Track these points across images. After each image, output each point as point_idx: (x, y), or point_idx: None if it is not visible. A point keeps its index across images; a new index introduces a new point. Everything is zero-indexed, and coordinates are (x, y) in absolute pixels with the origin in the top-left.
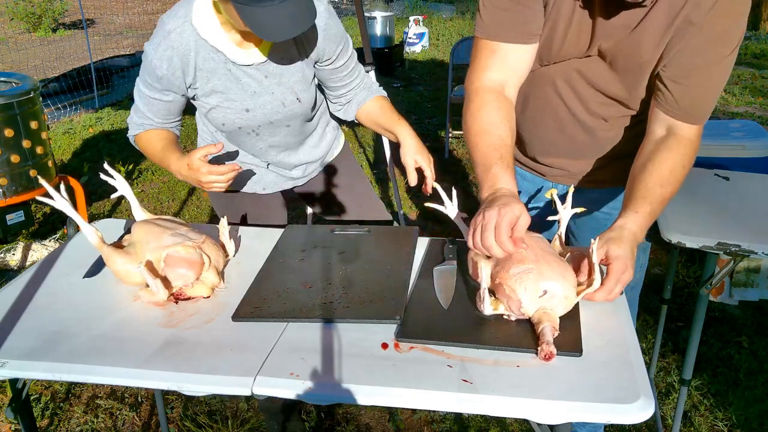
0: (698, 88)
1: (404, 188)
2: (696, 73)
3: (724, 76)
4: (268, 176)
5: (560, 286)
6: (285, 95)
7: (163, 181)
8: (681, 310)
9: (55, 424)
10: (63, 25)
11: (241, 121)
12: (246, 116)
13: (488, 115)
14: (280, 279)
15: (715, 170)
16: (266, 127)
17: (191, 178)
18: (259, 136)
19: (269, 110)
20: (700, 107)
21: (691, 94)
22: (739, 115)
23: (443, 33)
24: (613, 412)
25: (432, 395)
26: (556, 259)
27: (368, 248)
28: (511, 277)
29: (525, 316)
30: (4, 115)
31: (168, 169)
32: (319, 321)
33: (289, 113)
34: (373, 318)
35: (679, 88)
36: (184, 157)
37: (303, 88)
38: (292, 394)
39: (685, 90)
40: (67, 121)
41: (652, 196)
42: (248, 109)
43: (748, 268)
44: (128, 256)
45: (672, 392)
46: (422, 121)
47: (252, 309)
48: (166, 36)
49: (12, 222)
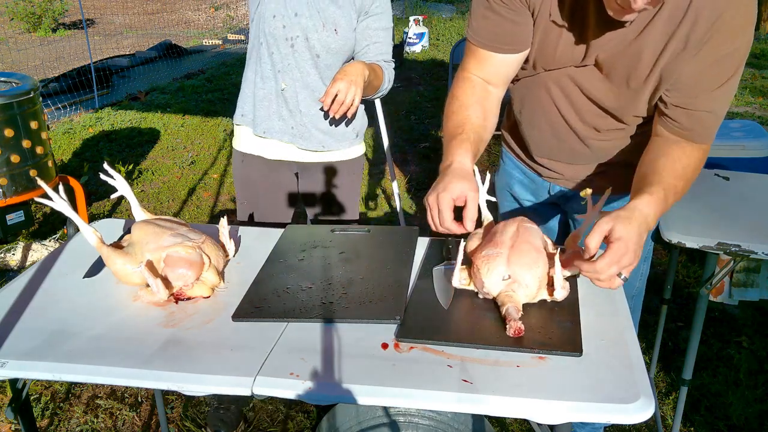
0: (703, 112)
1: (404, 187)
2: (701, 98)
3: (728, 97)
4: (273, 120)
5: (523, 274)
6: (327, 19)
7: (163, 181)
8: (681, 310)
9: (55, 424)
10: (63, 25)
11: (287, 20)
12: (293, 20)
13: (464, 97)
14: (280, 279)
15: (715, 170)
16: (302, 43)
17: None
18: (293, 49)
19: (311, 25)
20: (707, 129)
21: (697, 117)
22: (739, 115)
23: (443, 33)
24: (613, 412)
25: (432, 395)
26: (532, 249)
27: (368, 248)
28: (480, 258)
29: (489, 296)
30: (4, 115)
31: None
32: (319, 321)
33: (324, 39)
34: (372, 318)
35: (684, 113)
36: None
37: (344, 24)
38: (292, 394)
39: (691, 114)
40: (67, 121)
41: (666, 184)
42: (297, 14)
43: (748, 268)
44: (128, 256)
45: (672, 392)
46: (422, 121)
47: (252, 309)
48: None
49: (12, 222)
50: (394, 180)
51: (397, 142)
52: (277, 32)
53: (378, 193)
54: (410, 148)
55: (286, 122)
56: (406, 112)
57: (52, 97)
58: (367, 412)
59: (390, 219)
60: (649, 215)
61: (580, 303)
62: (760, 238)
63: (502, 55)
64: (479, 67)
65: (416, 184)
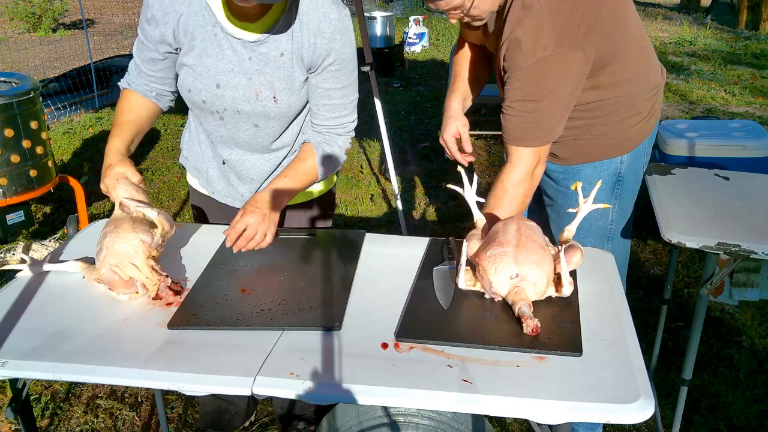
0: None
1: (404, 187)
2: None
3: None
4: (219, 184)
5: (531, 273)
6: (261, 87)
7: (163, 181)
8: (681, 310)
9: (55, 424)
10: (63, 25)
11: (207, 94)
12: (214, 92)
13: (463, 56)
14: (220, 285)
15: (715, 170)
16: (232, 115)
17: (105, 182)
18: (223, 122)
19: (239, 96)
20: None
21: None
22: (739, 115)
23: (443, 33)
24: (613, 412)
25: (432, 395)
26: (537, 247)
27: (312, 253)
28: (485, 259)
29: (497, 297)
30: (4, 115)
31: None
32: (256, 329)
33: (260, 109)
34: (311, 325)
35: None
36: (118, 164)
37: (285, 88)
38: (292, 394)
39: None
40: (67, 121)
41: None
42: (219, 85)
43: (748, 268)
44: (105, 279)
45: (672, 392)
46: (422, 121)
47: (188, 317)
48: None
49: (12, 222)
50: (394, 180)
51: (397, 142)
52: (200, 105)
53: (378, 193)
54: (410, 148)
55: (235, 188)
56: (406, 112)
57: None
58: (367, 412)
59: (390, 219)
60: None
61: (580, 303)
62: (760, 238)
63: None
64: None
65: (416, 184)
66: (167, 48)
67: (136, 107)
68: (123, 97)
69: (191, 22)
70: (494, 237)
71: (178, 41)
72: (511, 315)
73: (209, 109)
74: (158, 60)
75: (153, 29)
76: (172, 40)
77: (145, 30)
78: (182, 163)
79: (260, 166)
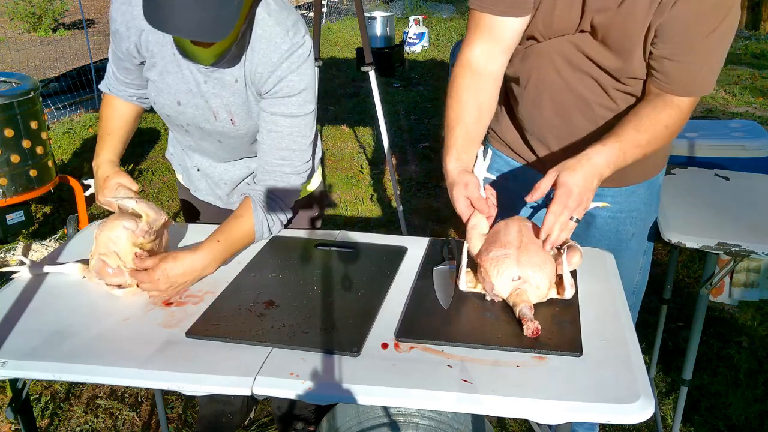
0: (692, 64)
1: (404, 187)
2: (696, 46)
3: (722, 45)
4: (200, 183)
5: (534, 275)
6: (218, 109)
7: (163, 181)
8: (681, 310)
9: (55, 424)
10: (63, 25)
11: (170, 110)
12: (176, 108)
13: (461, 90)
14: (246, 295)
15: (715, 170)
16: (196, 130)
17: (104, 193)
18: (189, 134)
19: (199, 115)
20: (696, 82)
21: (686, 69)
22: (739, 115)
23: (443, 33)
24: (613, 412)
25: (432, 395)
26: (539, 249)
27: (347, 267)
28: (487, 260)
29: (499, 298)
30: (4, 115)
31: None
32: (272, 346)
33: (220, 129)
34: (328, 348)
35: (672, 65)
36: (114, 175)
37: (242, 113)
38: (292, 394)
39: (680, 66)
40: (67, 121)
41: (624, 135)
42: (179, 103)
43: (748, 268)
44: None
45: (672, 392)
46: (422, 121)
47: (208, 327)
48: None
49: (12, 222)
50: (394, 180)
51: (397, 142)
52: (165, 118)
53: (378, 193)
54: (410, 148)
55: (213, 191)
56: (406, 112)
57: (52, 97)
58: (367, 412)
59: (390, 219)
60: (600, 164)
61: (580, 303)
62: (760, 238)
63: (505, 19)
64: (482, 38)
65: (416, 184)
66: (135, 60)
67: (120, 113)
68: (106, 103)
69: (151, 40)
70: (495, 238)
71: (141, 55)
72: (511, 315)
73: (174, 122)
74: (131, 69)
75: (119, 42)
76: (137, 54)
77: (114, 42)
78: (168, 158)
79: (232, 172)
